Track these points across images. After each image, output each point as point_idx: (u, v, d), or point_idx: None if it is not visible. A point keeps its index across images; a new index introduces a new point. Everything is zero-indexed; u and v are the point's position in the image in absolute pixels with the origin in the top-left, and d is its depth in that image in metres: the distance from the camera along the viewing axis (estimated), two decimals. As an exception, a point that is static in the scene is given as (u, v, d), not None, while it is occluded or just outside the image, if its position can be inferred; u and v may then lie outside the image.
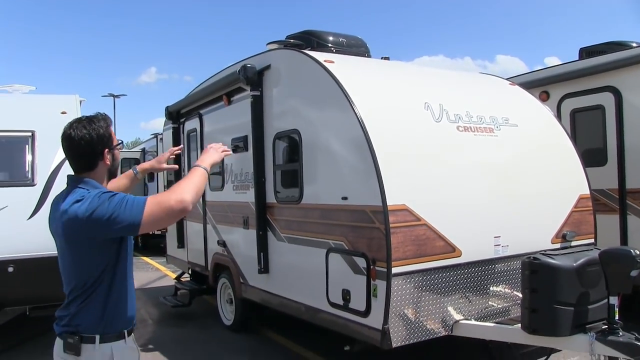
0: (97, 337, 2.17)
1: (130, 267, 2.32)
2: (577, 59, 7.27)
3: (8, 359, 5.50)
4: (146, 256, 13.23)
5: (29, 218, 5.37)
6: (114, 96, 35.70)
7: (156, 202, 2.10)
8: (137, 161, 14.60)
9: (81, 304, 2.17)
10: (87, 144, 2.21)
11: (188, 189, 2.15)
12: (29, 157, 5.68)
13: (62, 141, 2.26)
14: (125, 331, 2.28)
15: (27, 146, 5.72)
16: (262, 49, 5.59)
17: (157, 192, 14.27)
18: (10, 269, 5.21)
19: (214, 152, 2.46)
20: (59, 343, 2.22)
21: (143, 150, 16.41)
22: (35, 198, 5.42)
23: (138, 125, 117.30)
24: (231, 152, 2.51)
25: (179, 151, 3.13)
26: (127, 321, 2.28)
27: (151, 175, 14.88)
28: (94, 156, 2.24)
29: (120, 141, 2.43)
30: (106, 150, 2.27)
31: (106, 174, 2.33)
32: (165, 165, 3.00)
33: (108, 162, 2.29)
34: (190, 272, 7.80)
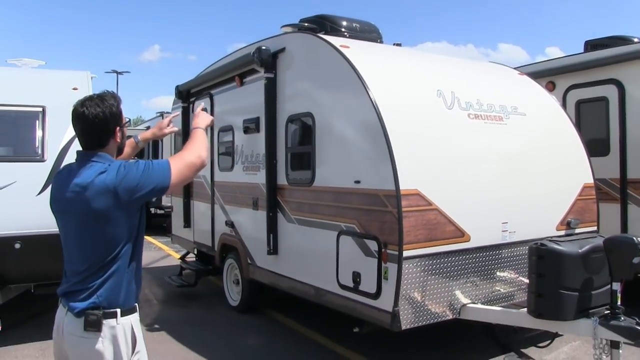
0: (119, 311, 2.19)
1: (143, 240, 2.39)
2: (582, 51, 7.39)
3: (12, 336, 5.53)
4: (149, 235, 13.28)
5: (38, 194, 5.31)
6: (117, 73, 35.31)
7: (179, 161, 2.30)
8: None
9: (101, 278, 2.18)
10: (101, 121, 2.25)
11: (201, 147, 2.42)
12: (39, 133, 5.61)
13: (73, 119, 2.28)
14: (137, 304, 2.33)
15: (37, 121, 5.65)
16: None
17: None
18: (17, 245, 5.16)
19: (204, 117, 2.66)
20: (77, 322, 2.16)
21: (148, 128, 16.40)
22: (45, 174, 5.37)
23: (139, 103, 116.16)
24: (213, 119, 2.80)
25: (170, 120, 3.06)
26: (138, 293, 2.35)
27: (155, 152, 14.89)
28: (106, 133, 2.29)
29: (127, 119, 2.52)
30: (117, 128, 2.33)
31: (115, 150, 2.39)
32: (166, 130, 3.01)
33: (118, 140, 2.36)
34: (195, 252, 7.87)
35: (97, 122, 2.24)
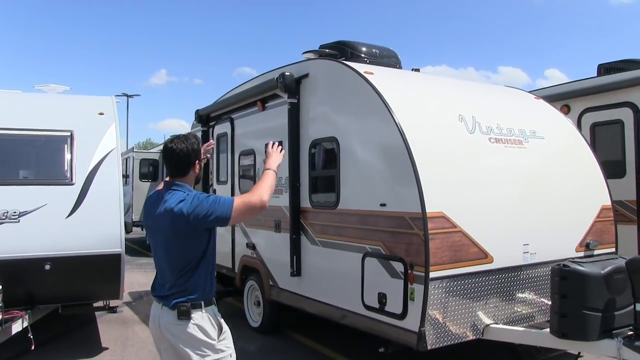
0: (202, 302, 2.78)
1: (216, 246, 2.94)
2: (594, 74, 7.52)
3: (43, 356, 5.61)
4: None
5: (67, 217, 5.45)
6: (128, 96, 36.00)
7: (242, 201, 2.77)
8: (155, 162, 14.69)
9: (189, 278, 2.76)
10: (185, 155, 2.86)
11: (264, 191, 2.79)
12: (67, 157, 5.77)
13: (163, 152, 2.94)
14: (214, 298, 2.89)
15: (66, 146, 5.81)
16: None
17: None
18: (47, 267, 5.27)
19: (276, 155, 3.00)
20: (171, 314, 2.75)
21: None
22: (73, 197, 5.53)
23: (146, 126, 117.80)
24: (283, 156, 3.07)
25: (210, 147, 3.36)
26: (214, 290, 2.89)
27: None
28: (187, 165, 2.89)
29: (205, 156, 3.10)
30: (197, 161, 2.92)
31: (194, 180, 2.96)
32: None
33: (197, 170, 2.95)
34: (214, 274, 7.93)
35: (182, 155, 2.85)
